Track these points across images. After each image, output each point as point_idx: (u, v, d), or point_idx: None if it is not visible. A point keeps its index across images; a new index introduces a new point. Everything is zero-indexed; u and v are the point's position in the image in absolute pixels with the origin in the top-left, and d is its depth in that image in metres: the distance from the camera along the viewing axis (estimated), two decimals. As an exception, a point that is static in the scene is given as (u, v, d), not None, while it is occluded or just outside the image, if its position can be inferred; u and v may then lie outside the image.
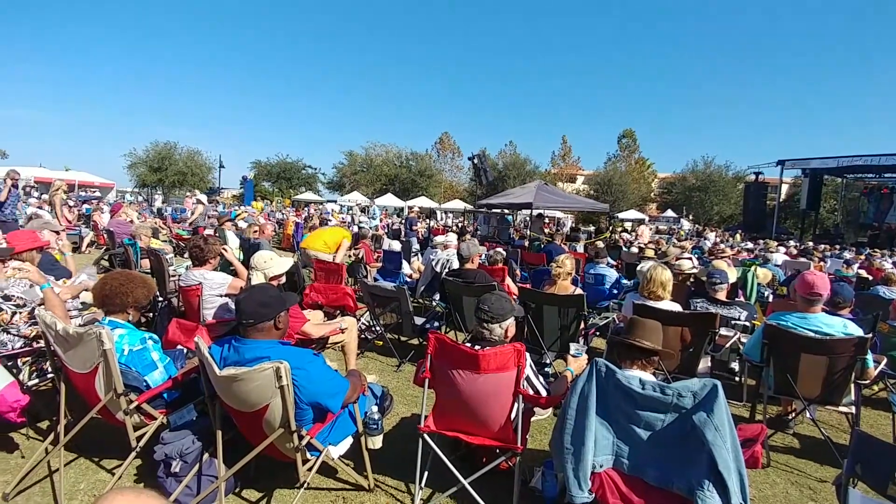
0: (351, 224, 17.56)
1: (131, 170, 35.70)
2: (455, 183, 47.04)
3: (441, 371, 2.54)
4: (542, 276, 6.12)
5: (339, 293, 5.04)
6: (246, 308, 2.21)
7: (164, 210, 18.11)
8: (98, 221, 10.40)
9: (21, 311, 2.89)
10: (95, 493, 2.54)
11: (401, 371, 4.69)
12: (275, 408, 2.13)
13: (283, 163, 41.61)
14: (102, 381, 2.32)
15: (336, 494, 2.68)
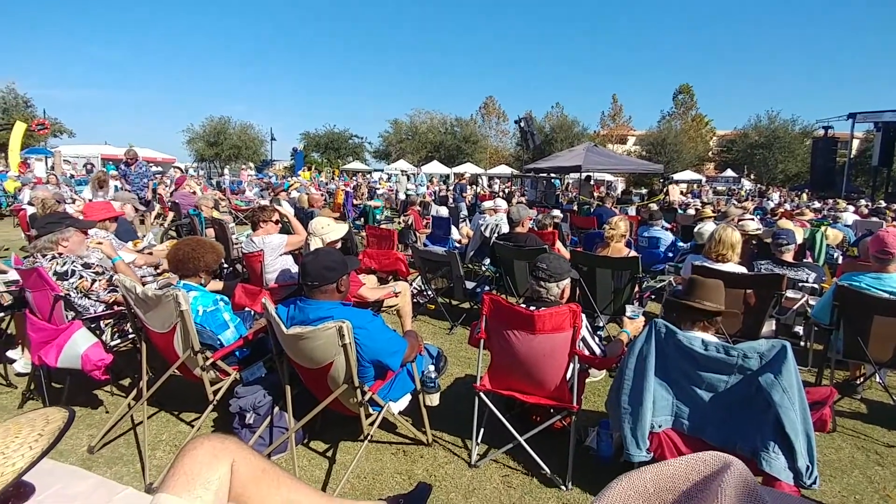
0: (397, 191, 17.73)
1: (189, 145, 37.30)
2: (500, 148, 46.19)
3: (496, 332, 2.57)
4: (593, 239, 6.00)
5: (391, 258, 5.15)
6: (311, 271, 2.31)
7: (223, 182, 18.91)
8: (163, 194, 11.03)
9: (100, 279, 3.12)
10: (177, 443, 2.79)
11: (453, 334, 4.78)
12: (339, 365, 2.24)
13: (330, 133, 42.17)
14: (180, 340, 2.51)
15: (397, 448, 2.81)
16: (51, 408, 0.85)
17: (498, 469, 2.64)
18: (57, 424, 0.79)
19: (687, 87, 45.06)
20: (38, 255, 2.97)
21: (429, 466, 2.66)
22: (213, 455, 1.33)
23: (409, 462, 2.69)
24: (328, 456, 2.72)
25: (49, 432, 0.78)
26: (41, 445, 0.75)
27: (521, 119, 24.22)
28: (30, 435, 0.77)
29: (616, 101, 46.11)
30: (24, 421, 0.80)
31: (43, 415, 0.82)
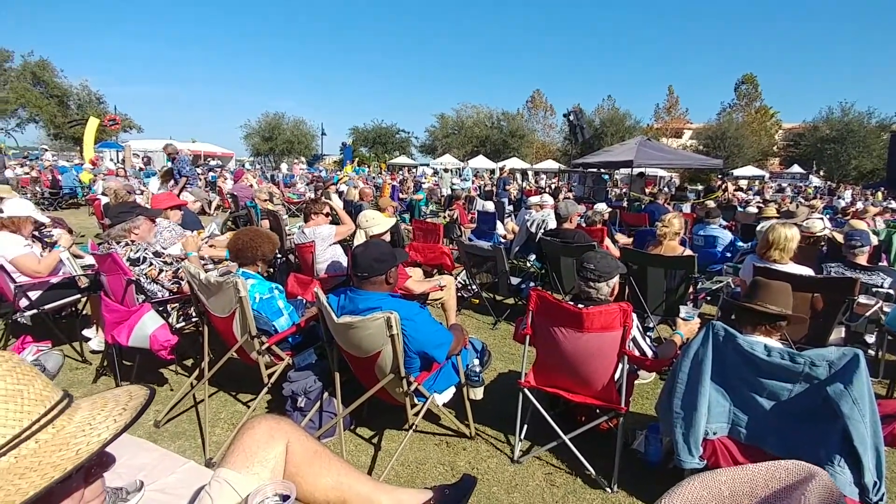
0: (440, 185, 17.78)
1: (246, 140, 38.90)
2: (547, 142, 45.42)
3: (542, 328, 2.55)
4: (645, 237, 5.81)
5: (436, 252, 5.19)
6: (361, 262, 2.36)
7: (276, 176, 19.63)
8: (222, 187, 11.58)
9: (167, 270, 3.32)
10: (234, 422, 2.94)
11: (496, 329, 4.77)
12: (386, 354, 2.29)
13: (378, 128, 42.84)
14: (239, 325, 2.64)
15: (440, 439, 2.84)
16: (134, 385, 0.92)
17: (541, 466, 2.62)
18: (139, 401, 0.86)
19: (751, 76, 42.68)
20: (113, 241, 3.20)
21: (471, 459, 2.68)
22: (270, 435, 1.39)
23: (451, 453, 2.72)
24: (374, 443, 2.79)
25: (132, 407, 0.84)
26: (124, 419, 0.81)
27: (570, 112, 23.68)
28: (114, 409, 0.83)
29: (672, 93, 44.34)
30: (110, 396, 0.87)
31: (127, 391, 0.88)
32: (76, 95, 30.56)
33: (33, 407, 0.76)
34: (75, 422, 0.80)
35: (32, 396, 0.77)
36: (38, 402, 0.77)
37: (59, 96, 28.76)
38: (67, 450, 0.75)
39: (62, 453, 0.74)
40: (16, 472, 0.71)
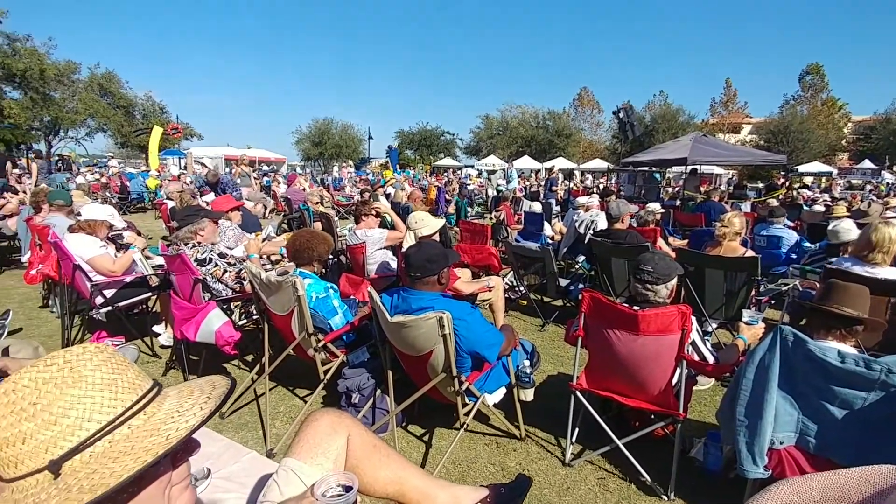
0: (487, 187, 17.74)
1: (297, 145, 40.24)
2: (595, 141, 44.38)
3: (595, 330, 2.51)
4: (701, 237, 5.57)
5: (484, 253, 5.19)
6: (414, 262, 2.41)
7: (326, 179, 20.20)
8: (276, 191, 12.05)
9: (230, 270, 3.50)
10: (292, 415, 3.06)
11: (545, 331, 4.72)
12: (438, 354, 2.32)
13: (423, 130, 43.21)
14: (297, 323, 2.75)
15: (490, 439, 2.85)
16: (216, 375, 0.97)
17: (593, 471, 2.58)
18: (221, 390, 0.91)
19: (816, 66, 40.06)
20: (181, 243, 3.41)
21: (522, 460, 2.67)
22: (332, 428, 1.45)
23: (502, 454, 2.72)
24: (424, 440, 2.83)
25: (216, 396, 0.89)
26: (209, 407, 0.86)
27: (620, 109, 23.04)
28: (200, 397, 0.88)
29: (730, 86, 42.16)
30: (195, 385, 0.93)
31: (210, 381, 0.94)
32: (141, 105, 32.48)
33: (126, 395, 0.81)
34: (164, 409, 0.84)
35: (125, 385, 0.82)
36: (130, 390, 0.82)
37: (125, 106, 30.65)
38: (158, 435, 0.79)
39: (153, 438, 0.79)
40: (110, 456, 0.75)
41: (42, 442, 0.74)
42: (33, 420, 0.74)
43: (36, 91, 20.88)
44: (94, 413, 0.77)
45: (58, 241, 3.71)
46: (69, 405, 0.76)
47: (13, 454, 0.74)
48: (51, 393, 0.76)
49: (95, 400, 0.78)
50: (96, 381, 0.79)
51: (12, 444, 0.74)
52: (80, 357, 0.80)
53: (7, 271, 6.55)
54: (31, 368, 0.78)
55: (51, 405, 0.75)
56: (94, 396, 0.78)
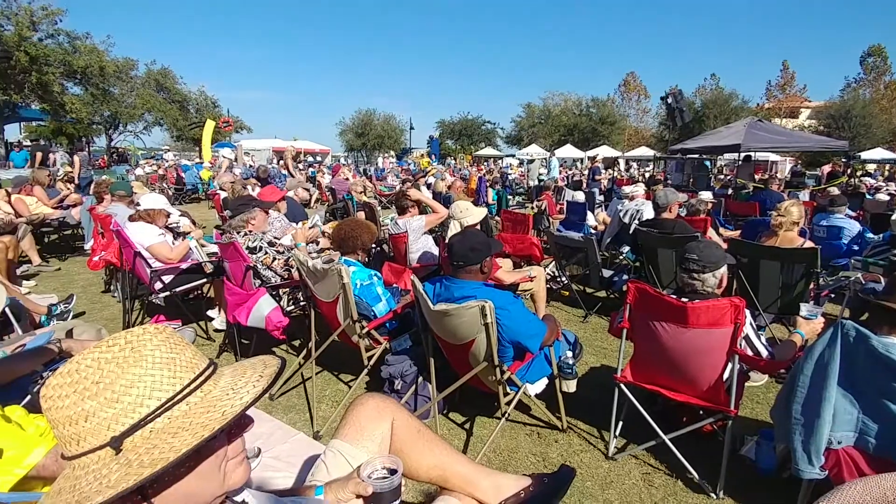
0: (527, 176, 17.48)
1: (341, 136, 41.00)
2: (641, 128, 42.93)
3: (641, 322, 2.45)
4: (755, 227, 5.32)
5: (526, 243, 5.15)
6: (458, 251, 2.42)
7: (369, 170, 20.50)
8: (321, 181, 12.33)
9: (279, 258, 3.62)
10: (337, 399, 3.15)
11: (587, 322, 4.65)
12: (480, 342, 2.33)
13: (464, 120, 43.05)
14: (342, 309, 2.82)
15: (531, 429, 2.84)
16: (267, 356, 1.00)
17: (638, 465, 2.53)
18: (273, 369, 0.94)
19: (879, 48, 37.30)
20: (234, 231, 3.55)
21: (563, 452, 2.65)
22: (377, 412, 1.48)
23: (543, 445, 2.71)
24: (465, 428, 2.86)
25: (267, 375, 0.92)
26: (262, 385, 0.89)
27: (668, 94, 22.14)
28: (252, 376, 0.91)
29: (787, 69, 39.81)
30: (248, 364, 0.96)
31: (262, 360, 0.97)
32: (195, 100, 33.77)
33: (184, 373, 0.84)
34: (220, 387, 0.87)
35: (183, 364, 0.85)
36: (188, 368, 0.85)
37: (179, 101, 31.97)
38: (214, 411, 0.82)
39: (209, 415, 0.81)
40: (169, 432, 0.78)
41: (104, 419, 0.77)
42: (96, 398, 0.77)
43: (96, 87, 22.01)
44: (154, 391, 0.79)
45: (119, 229, 3.94)
46: (130, 383, 0.78)
47: (75, 432, 0.77)
48: (113, 372, 0.78)
49: (155, 378, 0.80)
50: (156, 360, 0.82)
51: (75, 422, 0.77)
52: (141, 337, 0.83)
53: (71, 258, 6.99)
54: (94, 349, 0.81)
55: (113, 384, 0.77)
56: (154, 375, 0.80)
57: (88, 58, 20.52)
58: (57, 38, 20.07)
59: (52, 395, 0.78)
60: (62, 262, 6.77)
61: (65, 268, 6.57)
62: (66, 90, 20.85)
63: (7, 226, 5.90)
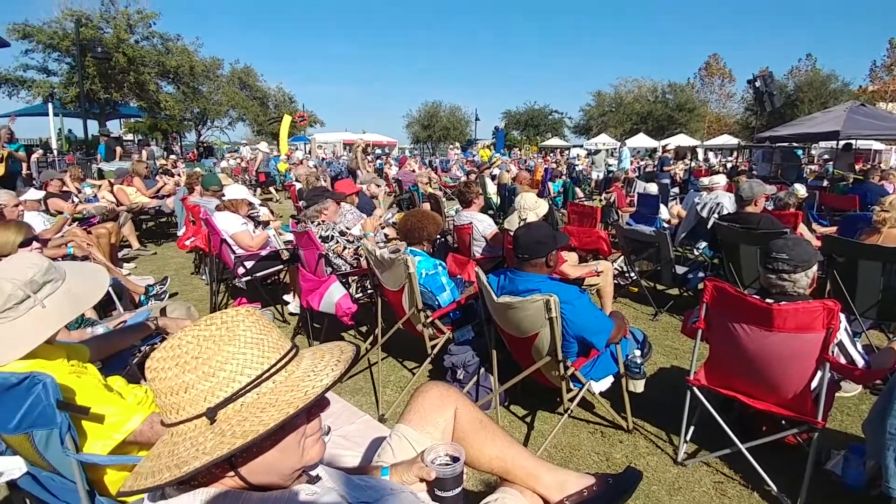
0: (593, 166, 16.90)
1: (408, 129, 41.75)
2: (723, 114, 40.11)
3: (718, 323, 2.31)
4: (855, 223, 4.83)
5: (592, 236, 5.00)
6: (523, 243, 2.40)
7: (434, 161, 20.72)
8: (388, 173, 12.64)
9: (349, 247, 3.77)
10: (401, 385, 3.25)
11: (657, 321, 4.46)
12: (543, 336, 2.30)
13: (531, 110, 42.33)
14: (407, 298, 2.90)
15: (594, 427, 2.79)
16: (342, 342, 1.06)
17: (709, 473, 2.42)
18: (349, 354, 0.99)
19: None
20: (308, 221, 3.75)
21: (629, 453, 2.58)
22: (441, 400, 1.51)
23: (607, 444, 2.65)
24: (527, 421, 2.85)
25: (344, 359, 0.97)
26: (340, 369, 0.94)
27: (757, 77, 20.45)
28: (331, 360, 0.97)
29: (894, 47, 35.44)
30: (326, 349, 1.02)
31: (338, 346, 1.03)
32: (273, 96, 35.65)
33: (271, 353, 0.90)
34: (302, 368, 0.93)
35: (270, 344, 0.91)
36: (274, 349, 0.91)
37: (260, 98, 33.88)
38: (297, 391, 0.87)
39: (293, 393, 0.87)
40: (258, 406, 0.85)
41: (201, 391, 0.83)
42: (195, 372, 0.84)
43: (187, 85, 23.71)
44: (245, 367, 0.86)
45: (208, 217, 4.27)
46: (225, 360, 0.85)
47: (176, 401, 0.84)
48: (210, 349, 0.85)
49: (247, 356, 0.87)
50: (247, 339, 0.88)
51: (175, 393, 0.84)
52: (235, 318, 0.90)
53: (165, 243, 7.64)
54: (195, 327, 0.89)
55: (210, 359, 0.85)
56: (245, 353, 0.87)
57: (180, 58, 22.14)
58: (151, 41, 21.80)
59: (157, 367, 0.86)
60: (158, 247, 7.45)
61: (160, 252, 7.21)
62: (161, 89, 22.61)
63: (110, 213, 6.57)
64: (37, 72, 20.30)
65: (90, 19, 19.40)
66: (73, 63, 18.56)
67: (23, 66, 19.94)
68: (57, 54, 19.92)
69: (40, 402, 1.33)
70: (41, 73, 20.38)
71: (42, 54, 19.89)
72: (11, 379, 1.32)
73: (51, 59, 20.16)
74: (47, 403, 1.32)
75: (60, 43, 19.05)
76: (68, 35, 18.46)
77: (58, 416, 1.33)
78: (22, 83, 19.99)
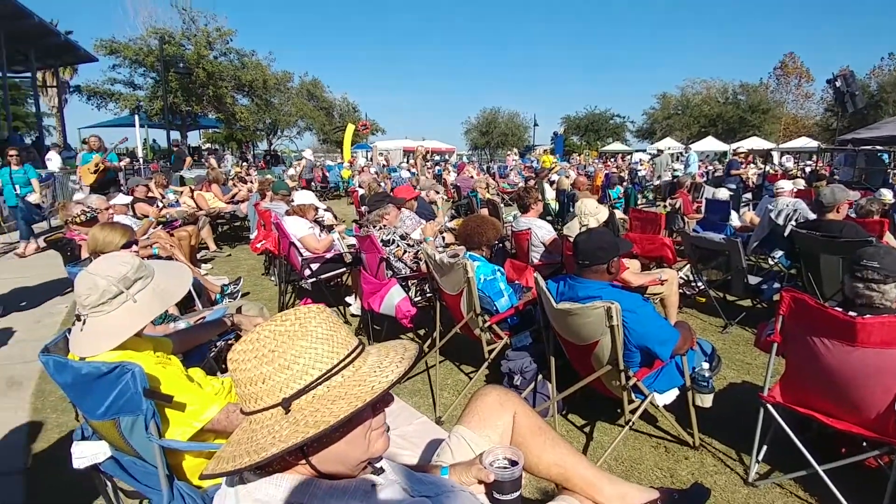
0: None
1: (466, 135, 42.07)
2: (801, 116, 37.37)
3: (796, 336, 2.17)
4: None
5: (656, 243, 4.83)
6: (584, 250, 2.37)
7: (492, 167, 20.74)
8: (447, 179, 12.80)
9: (409, 251, 3.86)
10: (458, 389, 3.28)
11: (727, 333, 4.23)
12: (604, 345, 2.26)
13: (591, 115, 41.41)
14: (465, 302, 2.93)
15: (657, 442, 2.69)
16: (406, 341, 1.10)
17: (782, 495, 2.27)
18: (413, 353, 1.03)
19: None
20: (370, 225, 3.88)
21: (695, 471, 2.47)
22: (500, 403, 1.52)
23: (671, 460, 2.55)
24: (585, 431, 2.80)
25: (408, 357, 1.01)
26: (404, 366, 0.98)
27: (837, 77, 18.94)
28: (395, 357, 1.01)
29: None
30: (391, 346, 1.06)
31: (402, 344, 1.07)
32: (338, 106, 37.06)
33: (340, 349, 0.95)
34: (368, 364, 0.97)
35: (340, 340, 0.96)
36: (343, 345, 0.96)
37: (326, 108, 35.29)
38: (364, 385, 0.92)
39: (360, 388, 0.91)
40: (328, 399, 0.90)
41: (277, 383, 0.88)
42: (271, 364, 0.89)
43: (260, 98, 25.20)
44: (316, 361, 0.91)
45: (278, 221, 4.51)
46: (298, 353, 0.91)
47: (254, 391, 0.90)
48: (285, 343, 0.91)
49: (318, 351, 0.92)
50: (319, 335, 0.94)
51: (254, 383, 0.89)
52: (307, 315, 0.96)
53: (239, 246, 8.14)
54: (272, 322, 0.95)
55: (285, 353, 0.90)
56: (317, 348, 0.92)
57: (254, 72, 23.53)
58: (228, 56, 23.36)
59: (238, 358, 0.93)
60: (232, 249, 7.94)
61: (234, 254, 7.69)
62: (236, 101, 24.16)
63: (190, 217, 7.09)
64: (123, 85, 22.32)
65: (173, 37, 21.05)
66: (158, 78, 20.22)
67: (110, 80, 22.00)
68: (142, 69, 21.76)
69: (128, 389, 1.43)
70: (128, 87, 22.37)
71: (128, 69, 21.84)
72: (103, 368, 1.43)
73: (136, 73, 22.10)
74: (135, 391, 1.42)
75: (145, 59, 20.81)
76: (153, 51, 20.13)
77: (143, 403, 1.43)
78: (110, 96, 22.01)
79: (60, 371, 1.53)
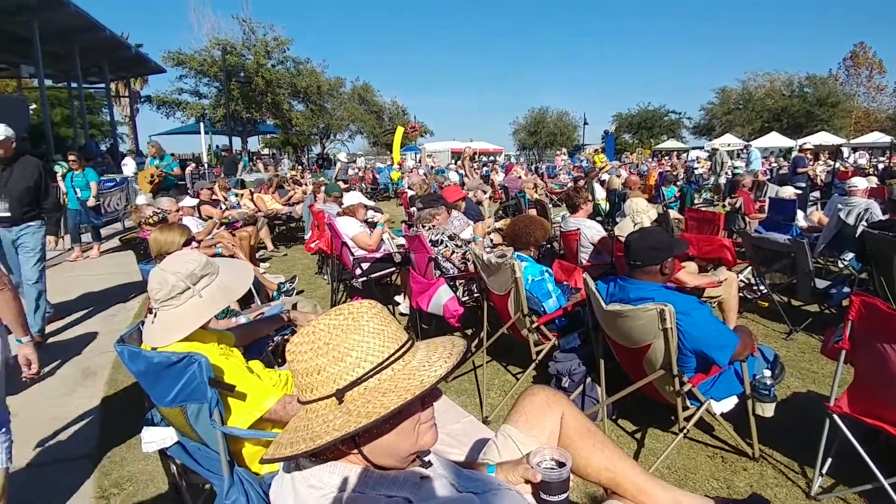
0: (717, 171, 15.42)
1: (514, 135, 41.75)
2: (873, 109, 34.59)
3: (867, 344, 2.04)
4: None
5: (714, 244, 4.62)
6: (636, 250, 2.32)
7: (540, 168, 20.50)
8: (494, 179, 12.78)
9: (458, 251, 3.90)
10: (505, 389, 3.28)
11: (791, 340, 4.00)
12: (657, 348, 2.20)
13: (644, 112, 40.03)
14: (513, 303, 2.93)
15: (714, 451, 2.58)
16: (454, 337, 1.12)
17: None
18: (461, 349, 1.05)
19: None
20: (419, 225, 3.95)
21: (753, 483, 2.36)
22: (547, 404, 1.52)
23: (728, 470, 2.44)
24: (636, 438, 2.73)
25: (456, 353, 1.03)
26: (452, 361, 1.00)
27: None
28: (444, 353, 1.03)
29: None
30: (439, 342, 1.08)
31: (450, 340, 1.09)
32: (388, 110, 37.72)
33: (391, 343, 0.98)
34: (417, 358, 1.00)
35: (390, 335, 0.99)
36: (393, 340, 0.99)
37: (376, 112, 36.02)
38: (413, 379, 0.95)
39: (410, 381, 0.94)
40: (379, 391, 0.93)
41: (331, 374, 0.92)
42: (326, 356, 0.93)
43: (314, 103, 26.11)
44: (368, 355, 0.95)
45: (331, 222, 4.68)
46: (351, 347, 0.95)
47: (310, 382, 0.94)
48: (338, 336, 0.95)
49: (370, 344, 0.96)
50: (371, 329, 0.97)
51: (310, 374, 0.94)
52: (359, 310, 1.00)
53: (294, 246, 8.47)
54: (327, 316, 1.00)
55: (339, 345, 0.95)
56: (368, 342, 0.96)
57: (309, 79, 24.43)
58: (285, 64, 24.35)
59: (296, 350, 0.98)
60: (287, 249, 8.28)
61: (290, 254, 8.03)
62: (292, 107, 25.14)
63: (250, 218, 7.46)
64: (189, 95, 23.81)
65: (234, 47, 22.25)
66: (221, 87, 21.35)
67: (178, 90, 23.49)
68: (206, 79, 23.07)
69: (195, 378, 1.52)
70: (193, 96, 23.85)
71: (194, 79, 23.29)
72: (172, 357, 1.54)
73: (202, 83, 23.48)
74: (201, 380, 1.51)
75: (209, 69, 22.06)
76: (216, 62, 21.34)
77: (209, 391, 1.52)
78: (178, 105, 23.50)
79: (134, 360, 1.66)
